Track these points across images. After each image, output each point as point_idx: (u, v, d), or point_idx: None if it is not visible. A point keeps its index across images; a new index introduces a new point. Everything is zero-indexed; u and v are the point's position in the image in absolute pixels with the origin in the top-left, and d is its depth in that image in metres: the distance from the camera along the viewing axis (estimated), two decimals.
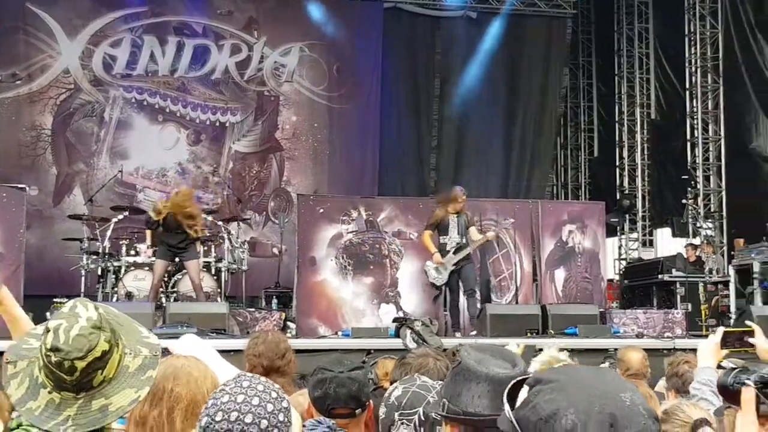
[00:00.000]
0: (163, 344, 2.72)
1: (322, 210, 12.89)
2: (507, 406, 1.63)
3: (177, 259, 11.53)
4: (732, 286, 13.66)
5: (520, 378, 1.75)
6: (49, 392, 2.26)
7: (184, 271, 11.69)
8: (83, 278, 12.78)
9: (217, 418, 2.04)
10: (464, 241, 10.93)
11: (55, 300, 11.47)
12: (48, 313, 10.50)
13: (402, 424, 2.84)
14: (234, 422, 2.03)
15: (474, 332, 10.72)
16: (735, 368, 2.18)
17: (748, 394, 2.03)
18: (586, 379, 1.61)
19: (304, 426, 3.19)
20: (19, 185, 12.78)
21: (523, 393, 1.65)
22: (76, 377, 2.23)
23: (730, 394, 2.13)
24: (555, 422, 1.49)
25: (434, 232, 10.98)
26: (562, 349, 5.08)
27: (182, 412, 2.58)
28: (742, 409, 2.05)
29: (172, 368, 2.64)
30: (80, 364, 2.20)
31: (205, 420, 2.08)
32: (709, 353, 3.75)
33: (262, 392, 2.09)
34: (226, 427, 2.04)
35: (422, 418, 2.80)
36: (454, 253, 10.77)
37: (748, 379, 2.06)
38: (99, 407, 2.24)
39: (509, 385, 1.71)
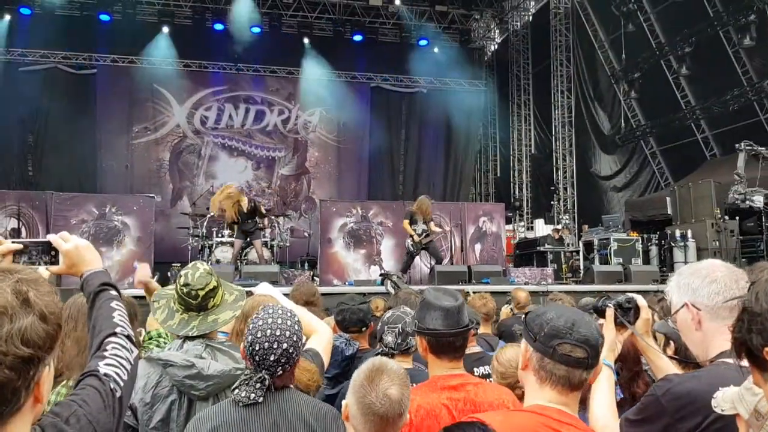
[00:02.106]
0: (250, 289, 2.96)
1: (334, 209, 13.16)
2: (523, 316, 1.80)
3: (248, 239, 11.45)
4: (581, 254, 13.96)
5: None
6: (181, 314, 2.41)
7: (253, 246, 11.71)
8: (190, 251, 12.89)
9: (259, 335, 2.00)
10: (426, 228, 10.62)
11: (172, 264, 11.83)
12: (169, 273, 11.10)
13: (389, 331, 2.83)
14: (270, 336, 2.00)
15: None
16: (603, 296, 2.23)
17: (610, 312, 2.10)
18: (565, 307, 1.82)
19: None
20: (150, 195, 13.00)
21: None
22: (198, 302, 2.39)
23: (599, 312, 2.16)
24: (543, 316, 1.65)
25: (409, 221, 10.59)
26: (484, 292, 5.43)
27: None
28: (606, 321, 2.10)
29: (257, 301, 2.71)
30: (201, 293, 2.38)
31: (250, 338, 2.02)
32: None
33: (282, 315, 2.07)
34: (266, 339, 2.00)
35: (401, 331, 2.82)
36: (425, 237, 10.59)
37: (610, 302, 2.12)
38: (211, 320, 2.40)
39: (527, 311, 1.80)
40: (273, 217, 13.69)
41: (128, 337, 1.51)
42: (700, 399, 1.59)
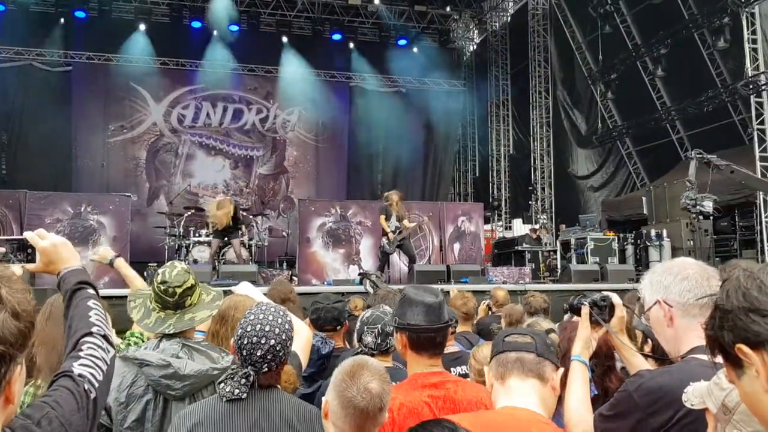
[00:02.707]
0: (230, 288, 2.94)
1: (313, 208, 13.17)
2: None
3: (226, 238, 11.43)
4: (558, 253, 14.06)
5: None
6: (157, 313, 2.39)
7: (230, 245, 11.63)
8: (166, 250, 12.75)
9: (249, 329, 2.03)
10: (399, 225, 10.67)
11: (149, 264, 11.34)
12: (145, 272, 10.41)
13: (368, 332, 2.79)
14: (259, 330, 2.02)
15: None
16: (578, 294, 2.24)
17: (585, 310, 2.11)
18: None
19: None
20: (126, 194, 12.94)
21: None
22: (175, 299, 2.37)
23: (574, 309, 2.18)
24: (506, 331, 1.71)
25: (384, 216, 10.74)
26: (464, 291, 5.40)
27: None
28: (581, 318, 2.12)
29: (234, 302, 2.71)
30: (178, 290, 2.37)
31: (240, 331, 2.05)
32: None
33: (274, 312, 2.09)
34: (254, 333, 2.02)
35: (380, 331, 2.77)
36: (398, 234, 10.64)
37: (585, 301, 2.13)
38: (188, 318, 2.39)
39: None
40: (251, 217, 13.62)
41: (105, 336, 1.47)
42: (671, 394, 1.61)
